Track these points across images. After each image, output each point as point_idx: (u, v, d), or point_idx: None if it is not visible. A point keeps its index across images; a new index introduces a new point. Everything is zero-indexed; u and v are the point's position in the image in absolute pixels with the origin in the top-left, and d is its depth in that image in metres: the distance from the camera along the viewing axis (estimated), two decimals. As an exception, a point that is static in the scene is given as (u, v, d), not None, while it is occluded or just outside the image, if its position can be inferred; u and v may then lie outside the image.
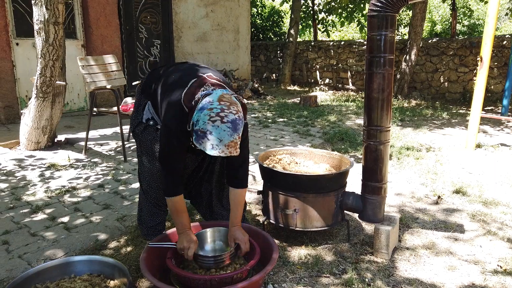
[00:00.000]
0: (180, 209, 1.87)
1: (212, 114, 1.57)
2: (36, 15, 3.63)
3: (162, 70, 2.09)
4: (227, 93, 1.71)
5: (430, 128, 5.76)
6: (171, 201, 1.86)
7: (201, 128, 1.57)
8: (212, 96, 1.66)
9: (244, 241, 1.89)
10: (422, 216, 2.80)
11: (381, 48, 2.12)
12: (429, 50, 8.69)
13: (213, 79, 1.85)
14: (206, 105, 1.62)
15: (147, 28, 7.16)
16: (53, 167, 3.64)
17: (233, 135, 1.57)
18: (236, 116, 1.60)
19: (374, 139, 2.22)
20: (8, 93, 5.36)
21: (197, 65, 2.05)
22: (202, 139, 1.57)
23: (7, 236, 2.39)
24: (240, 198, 1.98)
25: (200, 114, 1.60)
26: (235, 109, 1.62)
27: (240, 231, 1.93)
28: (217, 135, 1.55)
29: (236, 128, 1.58)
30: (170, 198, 1.85)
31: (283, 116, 6.42)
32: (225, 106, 1.61)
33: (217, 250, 1.99)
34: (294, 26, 10.98)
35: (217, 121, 1.56)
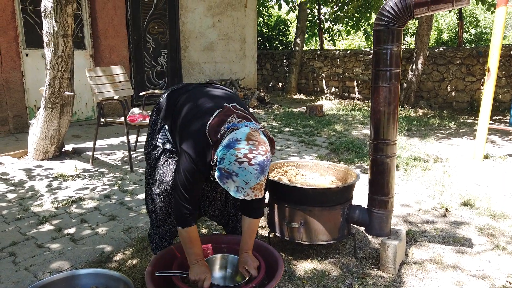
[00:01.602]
0: (193, 239, 1.80)
1: (240, 155, 1.50)
2: (46, 27, 3.69)
3: (183, 91, 2.00)
4: (255, 128, 1.63)
5: (437, 138, 5.73)
6: (185, 231, 1.79)
7: (226, 168, 1.50)
8: (240, 134, 1.57)
9: (254, 266, 1.85)
10: (430, 229, 2.77)
11: (387, 62, 2.12)
12: (435, 59, 8.67)
13: (238, 110, 1.77)
14: (233, 144, 1.54)
15: (154, 38, 7.24)
16: (61, 178, 3.67)
17: (260, 177, 1.50)
18: (264, 157, 1.52)
19: (380, 153, 2.21)
20: (17, 103, 5.43)
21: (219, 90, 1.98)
22: (226, 179, 1.51)
23: (14, 247, 2.40)
24: (254, 227, 1.93)
25: (226, 153, 1.52)
26: (263, 150, 1.54)
27: (250, 257, 1.89)
28: (243, 177, 1.48)
29: (264, 170, 1.51)
30: (185, 228, 1.78)
31: (289, 125, 6.42)
32: (253, 146, 1.53)
33: (227, 278, 1.95)
34: (300, 35, 11.03)
35: (244, 162, 1.48)
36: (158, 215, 2.05)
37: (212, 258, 1.96)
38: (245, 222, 1.93)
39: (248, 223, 1.91)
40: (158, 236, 2.14)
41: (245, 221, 1.93)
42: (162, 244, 2.16)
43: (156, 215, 2.06)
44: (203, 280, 1.74)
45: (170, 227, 2.11)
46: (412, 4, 2.01)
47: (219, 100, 1.83)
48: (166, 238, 2.15)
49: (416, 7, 2.02)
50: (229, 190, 1.54)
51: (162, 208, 2.02)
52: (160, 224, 2.09)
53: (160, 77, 7.48)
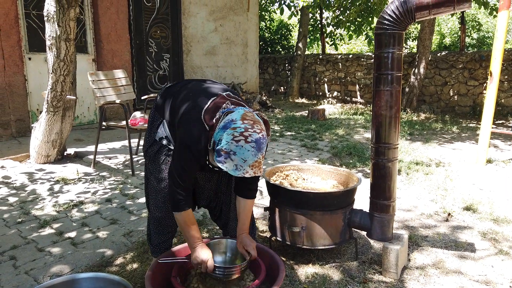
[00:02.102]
0: (189, 222, 1.82)
1: (236, 134, 1.53)
2: (48, 31, 3.70)
3: (179, 87, 2.04)
4: (249, 111, 1.68)
5: (440, 142, 5.71)
6: (180, 215, 1.81)
7: (224, 148, 1.53)
8: (235, 115, 1.62)
9: (252, 247, 1.88)
10: (432, 234, 2.75)
11: (388, 66, 2.12)
12: (438, 63, 8.66)
13: (231, 97, 1.82)
14: (229, 124, 1.58)
15: (156, 42, 7.27)
16: (62, 181, 3.67)
17: (257, 155, 1.54)
18: (260, 135, 1.56)
19: (382, 157, 2.20)
20: (19, 107, 5.45)
21: (214, 83, 2.02)
22: (225, 159, 1.54)
23: (15, 251, 2.40)
24: (250, 208, 1.96)
25: (223, 134, 1.56)
26: (258, 128, 1.58)
27: (248, 238, 1.92)
28: (241, 155, 1.51)
29: (260, 148, 1.55)
30: (180, 212, 1.80)
31: (291, 129, 6.42)
32: (248, 125, 1.57)
33: (227, 261, 1.96)
34: (302, 39, 11.06)
35: (241, 141, 1.52)
36: (158, 211, 2.06)
37: (211, 243, 1.95)
38: (240, 203, 1.96)
39: (244, 204, 1.95)
40: (158, 235, 2.14)
41: (241, 202, 1.96)
42: (161, 245, 2.15)
43: (155, 212, 2.07)
44: (206, 262, 1.74)
45: (170, 225, 2.11)
46: (414, 8, 2.01)
47: (214, 90, 1.88)
48: (166, 238, 2.15)
49: (418, 11, 2.02)
50: (228, 170, 1.56)
51: (162, 205, 2.04)
52: (160, 221, 2.09)
53: (162, 81, 7.50)
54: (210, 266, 1.74)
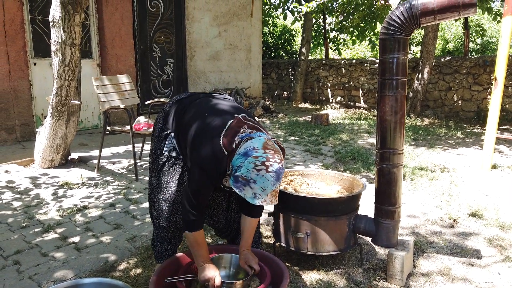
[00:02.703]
0: (200, 242, 1.83)
1: (258, 163, 1.56)
2: (54, 36, 3.73)
3: (187, 102, 2.02)
4: (268, 138, 1.70)
5: (444, 147, 5.68)
6: (192, 235, 1.81)
7: (244, 175, 1.55)
8: (256, 142, 1.64)
9: (255, 262, 1.89)
10: (437, 240, 2.73)
11: (393, 71, 2.11)
12: (441, 69, 8.65)
13: (247, 120, 1.82)
14: (250, 152, 1.59)
15: (161, 47, 7.30)
16: (66, 186, 3.67)
17: (276, 184, 1.57)
18: (280, 165, 1.59)
19: (387, 162, 2.19)
20: (24, 111, 5.47)
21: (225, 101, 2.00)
22: (244, 186, 1.56)
23: (19, 256, 2.40)
24: (254, 226, 1.98)
25: (244, 161, 1.58)
26: (279, 158, 1.61)
27: (250, 254, 1.93)
28: (261, 184, 1.54)
29: (279, 177, 1.58)
30: (191, 233, 1.81)
31: (294, 134, 6.41)
32: (270, 154, 1.59)
33: (230, 276, 1.96)
34: (305, 44, 11.08)
35: (262, 170, 1.54)
36: (162, 221, 2.04)
37: (214, 258, 1.96)
38: (245, 221, 1.98)
39: (249, 222, 1.97)
40: (162, 244, 2.13)
41: (246, 220, 1.98)
42: (166, 252, 2.14)
43: (160, 222, 2.06)
44: (214, 279, 1.75)
45: (174, 235, 2.10)
46: (419, 13, 2.01)
47: (229, 112, 1.86)
48: (170, 246, 2.14)
49: (423, 16, 2.01)
50: (246, 197, 1.58)
51: (167, 215, 2.02)
52: (164, 231, 2.08)
53: (166, 86, 7.52)
54: (217, 283, 1.75)
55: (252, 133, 1.72)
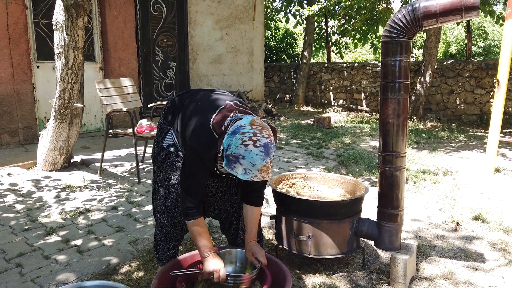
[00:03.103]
0: (201, 231, 1.83)
1: (245, 138, 1.57)
2: (57, 39, 3.75)
3: (188, 97, 2.06)
4: (257, 118, 1.72)
5: (447, 151, 5.66)
6: (191, 224, 1.82)
7: (233, 153, 1.56)
8: (244, 121, 1.66)
9: (261, 254, 1.90)
10: (440, 244, 2.72)
11: (395, 74, 2.11)
12: (444, 72, 8.64)
13: (239, 106, 1.85)
14: (238, 129, 1.61)
15: (163, 50, 7.32)
16: (69, 188, 3.68)
17: (266, 159, 1.56)
18: (268, 140, 1.60)
19: (389, 165, 2.18)
20: (27, 114, 5.49)
21: (221, 92, 2.04)
22: (234, 164, 1.57)
23: (21, 258, 2.40)
24: (257, 215, 1.99)
25: (232, 139, 1.59)
26: (267, 133, 1.62)
27: (256, 246, 1.94)
28: (249, 159, 1.54)
29: (269, 152, 1.58)
30: (191, 221, 1.82)
31: (296, 137, 6.41)
32: (257, 130, 1.60)
33: (236, 271, 1.96)
34: (307, 48, 11.09)
35: (249, 145, 1.55)
36: (164, 217, 2.07)
37: (220, 253, 1.94)
38: (247, 211, 1.99)
39: (251, 212, 1.98)
40: (164, 243, 2.13)
41: (248, 210, 1.99)
42: (167, 252, 2.15)
43: (161, 218, 2.08)
44: (219, 271, 1.74)
45: (176, 231, 2.11)
46: (421, 16, 2.01)
47: (221, 100, 1.90)
48: (172, 245, 2.14)
49: (425, 19, 2.01)
50: (237, 174, 1.58)
51: (168, 211, 2.04)
52: (166, 227, 2.10)
53: (168, 89, 7.54)
54: (222, 276, 1.74)
55: (242, 116, 1.74)
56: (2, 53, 5.14)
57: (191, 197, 1.79)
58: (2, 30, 5.12)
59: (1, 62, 5.14)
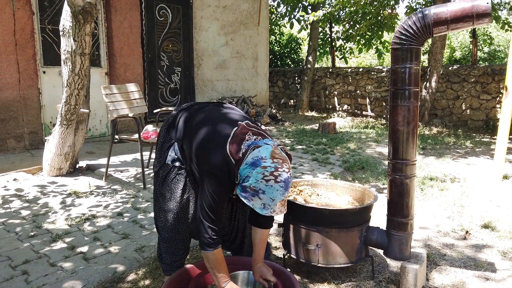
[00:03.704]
0: (221, 260, 1.78)
1: (266, 173, 1.55)
2: (64, 45, 3.75)
3: (195, 109, 2.00)
4: (274, 145, 1.69)
5: (454, 157, 5.62)
6: (212, 254, 1.75)
7: (253, 186, 1.55)
8: (264, 152, 1.62)
9: (270, 274, 1.89)
10: (450, 253, 2.68)
11: (405, 81, 2.09)
12: (449, 77, 8.60)
13: (251, 127, 1.80)
14: (259, 162, 1.58)
15: (168, 56, 7.34)
16: (74, 194, 3.67)
17: (284, 194, 1.56)
18: (288, 174, 1.59)
19: (399, 173, 2.16)
20: (33, 119, 5.51)
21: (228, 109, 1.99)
22: (252, 197, 1.55)
23: (27, 265, 2.39)
24: (264, 237, 1.95)
25: (252, 171, 1.56)
26: (287, 167, 1.61)
27: (264, 267, 1.92)
28: (269, 194, 1.53)
29: (288, 187, 1.58)
30: (212, 251, 1.74)
31: (301, 143, 6.38)
32: (278, 164, 1.58)
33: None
34: (312, 53, 11.09)
35: (270, 180, 1.54)
36: (168, 232, 2.02)
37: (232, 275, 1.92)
38: (256, 233, 1.95)
39: (260, 235, 1.94)
40: (169, 255, 2.09)
41: (257, 232, 1.95)
42: (174, 264, 2.11)
43: (165, 233, 2.03)
44: None
45: (181, 246, 2.07)
46: (431, 23, 1.99)
47: (233, 120, 1.85)
48: (178, 257, 2.10)
49: (436, 26, 1.99)
50: (255, 207, 1.57)
51: (172, 226, 2.00)
52: (170, 242, 2.05)
53: (173, 94, 7.55)
54: None
55: (257, 140, 1.70)
56: (9, 59, 5.16)
57: (212, 224, 1.72)
58: (9, 36, 5.15)
59: (8, 67, 5.17)
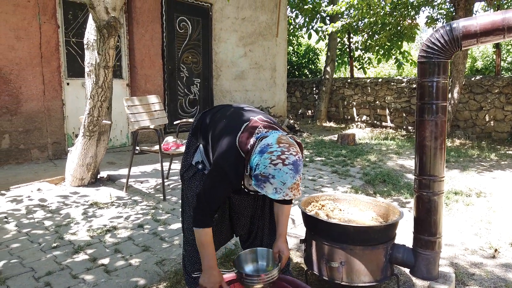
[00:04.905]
0: (205, 242, 1.83)
1: (273, 157, 1.56)
2: (88, 58, 3.83)
3: (216, 111, 2.08)
4: (283, 134, 1.71)
5: (478, 170, 5.46)
6: (198, 232, 1.82)
7: (262, 172, 1.55)
8: (270, 139, 1.64)
9: (286, 255, 1.93)
10: (479, 272, 2.58)
11: (433, 95, 2.05)
12: (472, 88, 8.42)
13: (263, 121, 1.84)
14: (265, 148, 1.60)
15: (188, 67, 7.42)
16: (96, 205, 3.70)
17: (295, 177, 1.55)
18: (297, 157, 1.58)
19: (426, 190, 2.10)
20: (57, 130, 5.62)
21: (245, 108, 2.04)
22: (264, 183, 1.55)
23: (50, 277, 2.40)
24: (287, 212, 2.02)
25: (260, 158, 1.58)
26: (294, 150, 1.61)
27: (285, 244, 1.97)
28: (280, 178, 1.53)
29: (298, 170, 1.57)
30: (199, 229, 1.81)
31: (320, 154, 6.32)
32: (284, 148, 1.59)
33: (259, 270, 1.98)
34: (330, 63, 11.06)
35: (278, 164, 1.54)
36: (191, 235, 2.06)
37: (243, 253, 1.99)
38: (278, 208, 2.04)
39: (282, 210, 2.03)
40: (192, 264, 2.12)
41: (279, 208, 2.03)
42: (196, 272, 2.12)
43: (189, 235, 2.09)
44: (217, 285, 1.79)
45: None
46: (460, 36, 1.95)
47: (245, 115, 1.90)
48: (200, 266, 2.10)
49: (464, 39, 1.95)
50: (267, 193, 1.57)
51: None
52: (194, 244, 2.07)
53: (192, 105, 7.61)
54: None
55: (267, 132, 1.73)
56: (34, 71, 5.30)
57: (206, 210, 1.79)
58: (35, 49, 5.29)
59: (34, 79, 5.31)
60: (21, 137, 5.26)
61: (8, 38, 5.02)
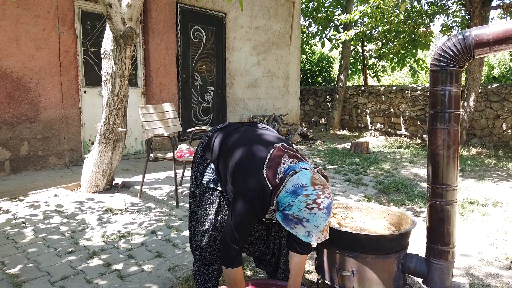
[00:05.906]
0: (239, 280, 1.80)
1: (309, 201, 1.56)
2: (105, 67, 3.93)
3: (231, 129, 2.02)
4: (312, 169, 1.68)
5: (495, 179, 5.36)
6: (231, 272, 1.79)
7: (296, 215, 1.56)
8: (304, 179, 1.62)
9: None
10: (495, 283, 2.53)
11: (445, 104, 2.04)
12: (488, 96, 8.30)
13: (287, 149, 1.81)
14: (300, 190, 1.58)
15: (202, 76, 7.52)
16: (110, 211, 3.77)
17: (327, 219, 1.57)
18: (330, 199, 1.60)
19: (439, 199, 2.08)
20: (73, 137, 5.75)
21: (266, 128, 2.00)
22: (296, 225, 1.56)
23: (65, 281, 2.45)
24: (303, 264, 1.93)
25: (295, 200, 1.57)
26: (328, 192, 1.61)
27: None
28: (313, 222, 1.54)
29: (330, 212, 1.58)
30: (231, 269, 1.78)
31: (333, 163, 6.30)
32: (319, 190, 1.59)
33: None
34: (343, 71, 11.05)
35: (314, 208, 1.54)
36: (202, 253, 2.04)
37: None
38: (293, 259, 1.93)
39: (297, 260, 1.92)
40: (203, 277, 2.11)
41: (294, 258, 1.93)
42: (207, 285, 2.12)
43: (199, 253, 2.05)
44: None
45: (214, 266, 2.08)
46: (473, 45, 1.94)
47: (269, 142, 1.85)
48: (211, 278, 2.11)
49: (477, 48, 1.94)
50: (298, 235, 1.57)
51: (206, 246, 2.01)
52: (204, 262, 2.06)
53: (206, 113, 7.69)
54: None
55: (293, 164, 1.70)
56: (53, 80, 5.45)
57: (235, 244, 1.75)
58: (54, 58, 5.44)
59: (52, 88, 5.45)
60: (40, 144, 5.39)
61: (28, 48, 5.18)
